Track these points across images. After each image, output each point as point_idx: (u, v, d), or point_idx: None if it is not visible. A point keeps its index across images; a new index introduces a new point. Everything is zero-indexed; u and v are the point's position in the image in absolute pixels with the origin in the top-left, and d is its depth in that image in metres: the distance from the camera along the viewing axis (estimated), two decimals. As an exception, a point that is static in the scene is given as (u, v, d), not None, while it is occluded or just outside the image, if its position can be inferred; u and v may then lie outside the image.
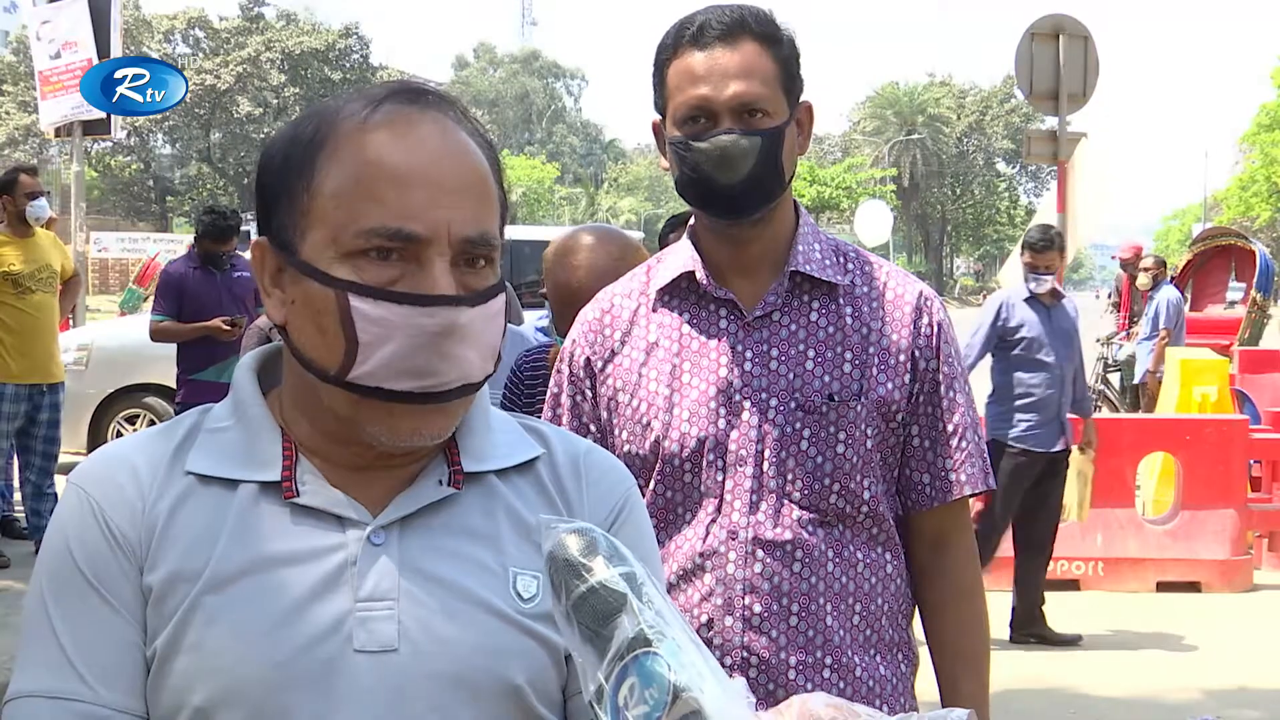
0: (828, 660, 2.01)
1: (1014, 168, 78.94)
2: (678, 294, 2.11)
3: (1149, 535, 7.76)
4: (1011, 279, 11.53)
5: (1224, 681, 5.95)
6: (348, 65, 56.55)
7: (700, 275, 2.08)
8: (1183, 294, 13.20)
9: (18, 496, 8.26)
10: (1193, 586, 7.60)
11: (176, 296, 7.54)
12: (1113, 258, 14.24)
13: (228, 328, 7.43)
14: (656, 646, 0.91)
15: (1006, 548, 6.78)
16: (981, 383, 4.82)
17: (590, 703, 0.94)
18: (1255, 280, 12.71)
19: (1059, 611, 7.08)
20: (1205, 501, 7.72)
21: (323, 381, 1.21)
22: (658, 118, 2.09)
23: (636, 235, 5.44)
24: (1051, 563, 6.85)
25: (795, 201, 2.13)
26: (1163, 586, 7.60)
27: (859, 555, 2.05)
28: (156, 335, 7.66)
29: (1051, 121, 9.54)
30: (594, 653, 0.94)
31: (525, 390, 2.96)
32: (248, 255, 1.36)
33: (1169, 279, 12.34)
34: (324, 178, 1.21)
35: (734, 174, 1.98)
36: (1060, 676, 6.02)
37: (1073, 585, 7.56)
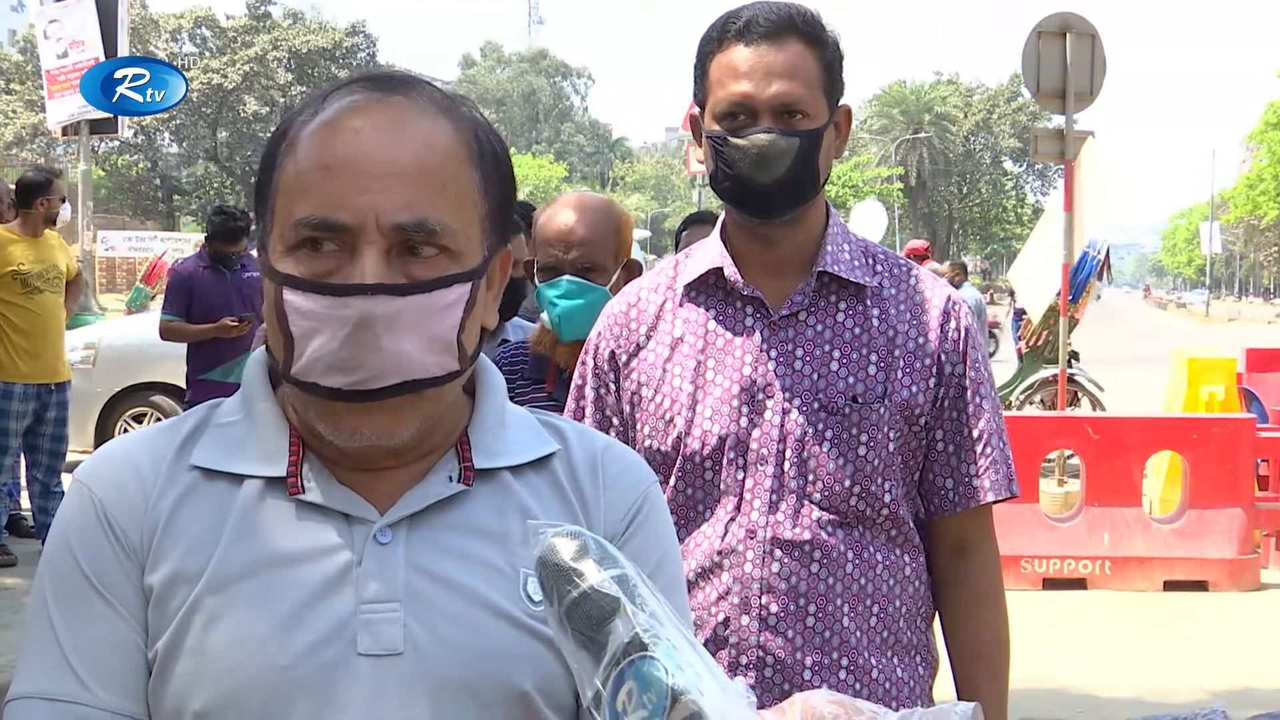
0: (844, 661, 2.01)
1: (1021, 166, 78.81)
2: (705, 290, 2.11)
3: (1156, 534, 7.75)
4: (1020, 277, 11.50)
5: (1231, 681, 5.93)
6: (354, 64, 56.50)
7: (729, 272, 2.07)
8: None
9: (25, 495, 8.28)
10: (1200, 585, 7.57)
11: (186, 295, 7.60)
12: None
13: (234, 324, 7.45)
14: (653, 650, 0.90)
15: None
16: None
17: (588, 708, 0.92)
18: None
19: (1065, 611, 7.07)
20: (1212, 500, 7.70)
21: (284, 379, 1.19)
22: (696, 109, 2.07)
23: (643, 234, 5.45)
24: (1059, 562, 6.82)
25: (826, 202, 2.12)
26: (1170, 585, 7.58)
27: (878, 557, 2.04)
28: (166, 334, 7.75)
29: (1058, 120, 9.49)
30: (589, 658, 0.93)
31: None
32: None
33: (967, 280, 11.99)
34: (279, 176, 1.19)
35: (770, 173, 1.97)
36: (1067, 676, 6.00)
37: (1080, 584, 7.55)
